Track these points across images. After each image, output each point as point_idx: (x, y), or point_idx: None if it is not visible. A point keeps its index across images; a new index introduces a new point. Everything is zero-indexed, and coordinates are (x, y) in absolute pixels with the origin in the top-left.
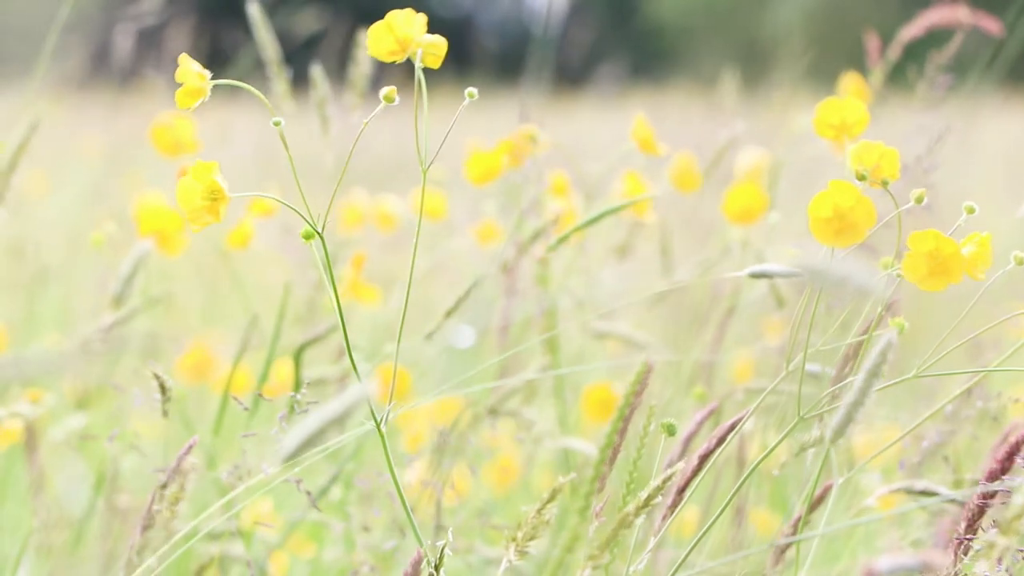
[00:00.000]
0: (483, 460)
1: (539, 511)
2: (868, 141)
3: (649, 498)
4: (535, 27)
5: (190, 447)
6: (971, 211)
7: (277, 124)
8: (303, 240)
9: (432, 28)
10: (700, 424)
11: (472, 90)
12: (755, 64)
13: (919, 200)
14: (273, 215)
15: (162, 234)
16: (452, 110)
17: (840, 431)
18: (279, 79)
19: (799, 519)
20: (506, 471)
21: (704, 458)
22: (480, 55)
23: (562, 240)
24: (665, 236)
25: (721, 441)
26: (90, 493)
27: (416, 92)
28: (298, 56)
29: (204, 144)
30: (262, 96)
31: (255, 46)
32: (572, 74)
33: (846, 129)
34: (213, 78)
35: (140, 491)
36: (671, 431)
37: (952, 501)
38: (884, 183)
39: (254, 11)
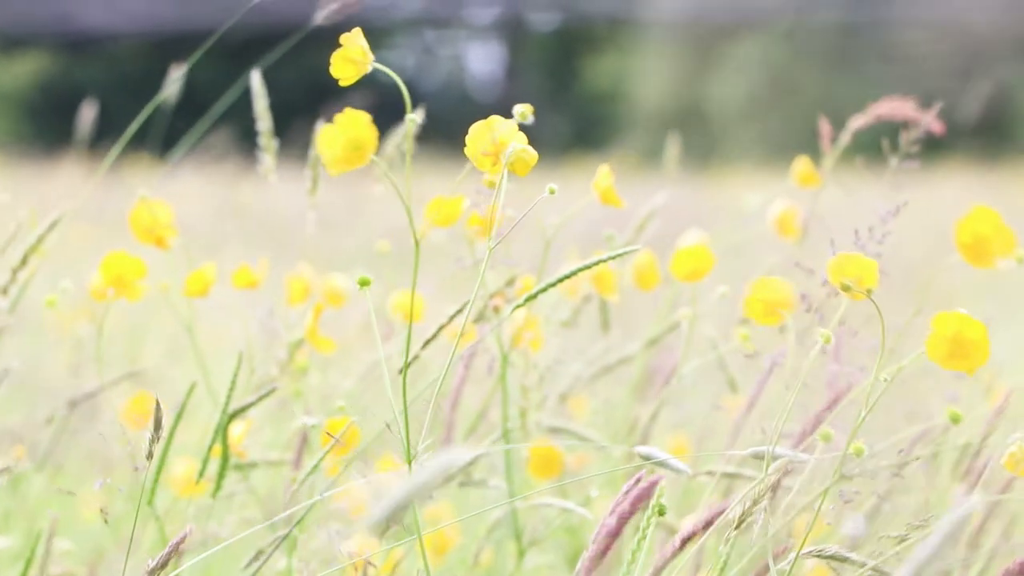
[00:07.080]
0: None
1: None
2: (847, 254)
3: None
4: (475, 93)
5: (183, 537)
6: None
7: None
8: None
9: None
10: (635, 505)
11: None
12: (698, 135)
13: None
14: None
15: (122, 281)
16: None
17: None
18: (268, 152)
19: None
20: (444, 544)
21: (685, 542)
22: (423, 120)
23: (528, 299)
24: (605, 310)
25: (708, 525)
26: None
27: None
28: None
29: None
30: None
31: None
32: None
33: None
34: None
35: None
36: (661, 512)
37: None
38: (868, 292)
39: (256, 82)
